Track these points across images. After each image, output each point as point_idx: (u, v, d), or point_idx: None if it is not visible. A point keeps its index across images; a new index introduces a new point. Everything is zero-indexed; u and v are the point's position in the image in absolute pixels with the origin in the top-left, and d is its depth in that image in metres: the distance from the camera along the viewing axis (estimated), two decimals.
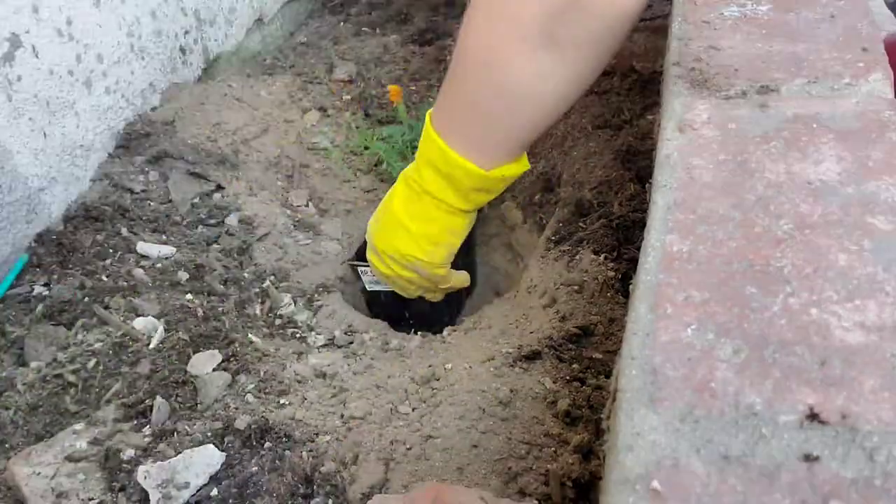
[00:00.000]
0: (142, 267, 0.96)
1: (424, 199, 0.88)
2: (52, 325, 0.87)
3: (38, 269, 0.96)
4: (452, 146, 0.81)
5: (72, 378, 0.79)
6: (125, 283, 0.92)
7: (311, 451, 0.68)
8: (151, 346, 0.82)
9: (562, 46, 0.71)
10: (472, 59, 0.76)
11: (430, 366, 0.77)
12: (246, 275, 1.02)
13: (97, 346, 0.83)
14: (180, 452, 0.67)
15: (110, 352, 0.82)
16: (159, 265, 0.97)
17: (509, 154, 0.83)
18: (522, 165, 0.86)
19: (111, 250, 0.98)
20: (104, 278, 0.93)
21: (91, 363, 0.81)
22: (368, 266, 0.99)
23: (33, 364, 0.81)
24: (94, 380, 0.79)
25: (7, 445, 0.74)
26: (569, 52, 0.72)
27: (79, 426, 0.72)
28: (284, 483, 0.65)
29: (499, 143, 0.81)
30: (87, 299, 0.90)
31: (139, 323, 0.85)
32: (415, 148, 0.91)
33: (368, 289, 0.63)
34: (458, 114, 0.81)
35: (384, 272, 0.97)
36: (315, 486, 0.65)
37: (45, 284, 0.93)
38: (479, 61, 0.75)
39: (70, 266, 0.95)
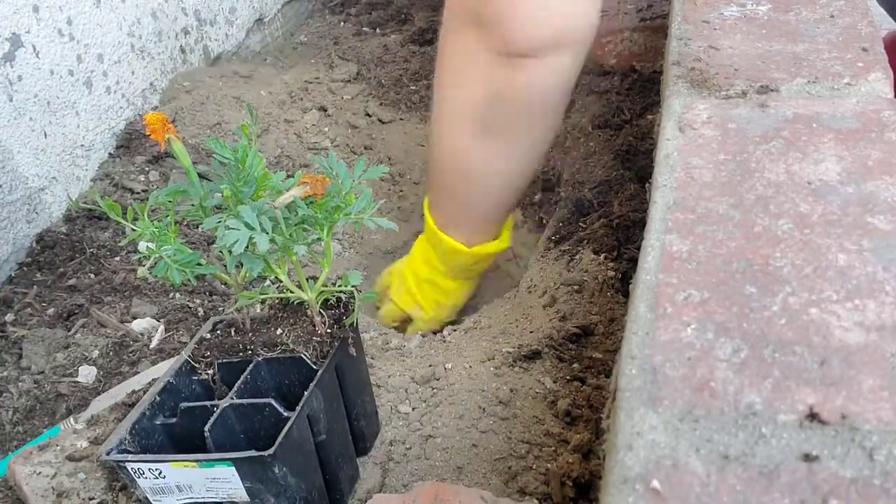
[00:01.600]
0: (143, 266, 0.96)
1: (433, 271, 1.00)
2: (52, 325, 0.87)
3: (38, 269, 0.96)
4: (440, 226, 0.93)
5: (72, 378, 0.79)
6: (126, 283, 0.92)
7: None
8: (152, 345, 0.82)
9: (496, 131, 0.81)
10: (434, 145, 0.89)
11: (430, 365, 0.77)
12: None
13: (98, 346, 0.83)
14: None
15: (111, 352, 0.82)
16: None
17: (483, 232, 0.94)
18: (502, 243, 0.97)
19: (111, 250, 0.98)
20: (105, 278, 0.93)
21: (91, 363, 0.81)
22: None
23: (33, 365, 0.82)
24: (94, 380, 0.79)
25: (7, 447, 0.74)
26: (503, 135, 0.82)
27: (79, 426, 0.72)
28: None
29: (465, 220, 0.92)
30: (87, 300, 0.90)
31: (140, 323, 0.85)
32: None
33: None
34: (437, 193, 0.94)
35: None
36: None
37: (46, 285, 0.93)
38: (436, 148, 0.89)
39: (71, 266, 0.95)
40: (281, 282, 0.59)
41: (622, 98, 1.20)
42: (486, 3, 0.73)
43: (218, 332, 0.64)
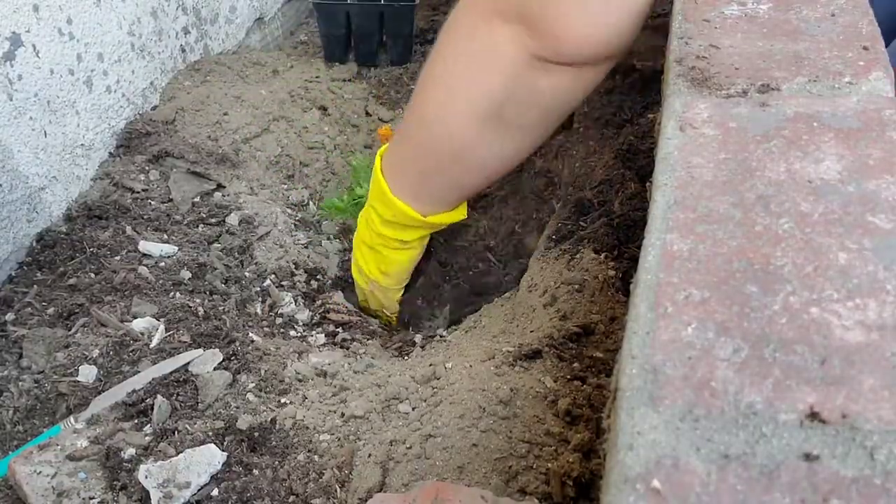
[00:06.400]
0: (144, 266, 0.96)
1: (374, 237, 0.99)
2: (53, 325, 0.87)
3: (38, 269, 0.96)
4: (395, 192, 0.92)
5: (72, 378, 0.79)
6: (126, 283, 0.92)
7: (311, 450, 0.68)
8: (152, 344, 0.82)
9: (507, 125, 0.81)
10: (427, 124, 0.86)
11: (430, 364, 0.77)
12: (247, 274, 1.02)
13: (98, 345, 0.83)
14: (181, 452, 0.67)
15: (111, 352, 0.82)
16: (162, 264, 0.97)
17: (447, 205, 0.94)
18: (459, 214, 0.97)
19: (112, 250, 0.98)
20: (105, 278, 0.93)
21: (91, 363, 0.81)
22: None
23: (33, 364, 0.82)
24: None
25: (7, 446, 0.74)
26: (514, 130, 0.82)
27: (79, 425, 0.72)
28: (284, 483, 0.65)
29: (436, 194, 0.92)
30: (87, 299, 0.90)
31: (140, 323, 0.85)
32: None
33: None
34: (405, 164, 0.91)
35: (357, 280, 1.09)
36: (315, 486, 0.65)
37: (46, 284, 0.93)
38: (433, 128, 0.85)
39: (71, 265, 0.95)
40: None
41: (623, 97, 1.20)
42: (537, 4, 0.71)
43: None
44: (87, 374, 0.79)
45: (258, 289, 1.01)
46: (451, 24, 0.81)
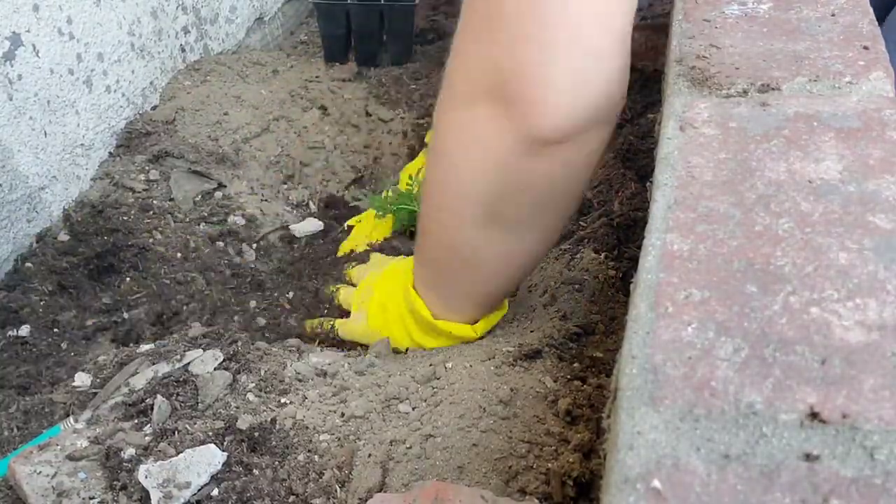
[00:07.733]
0: (144, 267, 0.96)
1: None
2: (52, 325, 0.87)
3: (37, 269, 0.96)
4: (430, 305, 0.84)
5: (70, 379, 0.79)
6: (127, 283, 0.92)
7: (311, 450, 0.68)
8: (155, 345, 0.82)
9: (506, 222, 0.72)
10: (429, 227, 0.79)
11: (430, 365, 0.77)
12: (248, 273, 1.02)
13: (97, 348, 0.83)
14: (181, 452, 0.67)
15: (110, 354, 0.82)
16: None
17: (477, 310, 0.85)
18: (503, 309, 0.88)
19: (111, 250, 0.98)
20: (104, 277, 0.93)
21: (89, 365, 0.81)
22: None
23: (32, 366, 0.82)
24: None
25: (6, 448, 0.74)
26: (514, 226, 0.73)
27: (79, 425, 0.72)
28: (284, 483, 0.65)
29: (464, 301, 0.83)
30: (86, 300, 0.90)
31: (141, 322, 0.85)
32: None
33: None
34: (428, 274, 0.84)
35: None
36: (315, 486, 0.65)
37: (45, 285, 0.93)
38: (435, 232, 0.78)
39: (70, 265, 0.95)
40: None
41: None
42: (510, 78, 0.60)
43: None
44: (83, 378, 0.79)
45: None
46: (438, 113, 0.71)
